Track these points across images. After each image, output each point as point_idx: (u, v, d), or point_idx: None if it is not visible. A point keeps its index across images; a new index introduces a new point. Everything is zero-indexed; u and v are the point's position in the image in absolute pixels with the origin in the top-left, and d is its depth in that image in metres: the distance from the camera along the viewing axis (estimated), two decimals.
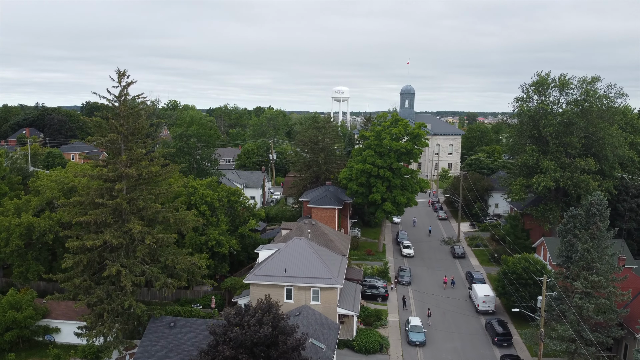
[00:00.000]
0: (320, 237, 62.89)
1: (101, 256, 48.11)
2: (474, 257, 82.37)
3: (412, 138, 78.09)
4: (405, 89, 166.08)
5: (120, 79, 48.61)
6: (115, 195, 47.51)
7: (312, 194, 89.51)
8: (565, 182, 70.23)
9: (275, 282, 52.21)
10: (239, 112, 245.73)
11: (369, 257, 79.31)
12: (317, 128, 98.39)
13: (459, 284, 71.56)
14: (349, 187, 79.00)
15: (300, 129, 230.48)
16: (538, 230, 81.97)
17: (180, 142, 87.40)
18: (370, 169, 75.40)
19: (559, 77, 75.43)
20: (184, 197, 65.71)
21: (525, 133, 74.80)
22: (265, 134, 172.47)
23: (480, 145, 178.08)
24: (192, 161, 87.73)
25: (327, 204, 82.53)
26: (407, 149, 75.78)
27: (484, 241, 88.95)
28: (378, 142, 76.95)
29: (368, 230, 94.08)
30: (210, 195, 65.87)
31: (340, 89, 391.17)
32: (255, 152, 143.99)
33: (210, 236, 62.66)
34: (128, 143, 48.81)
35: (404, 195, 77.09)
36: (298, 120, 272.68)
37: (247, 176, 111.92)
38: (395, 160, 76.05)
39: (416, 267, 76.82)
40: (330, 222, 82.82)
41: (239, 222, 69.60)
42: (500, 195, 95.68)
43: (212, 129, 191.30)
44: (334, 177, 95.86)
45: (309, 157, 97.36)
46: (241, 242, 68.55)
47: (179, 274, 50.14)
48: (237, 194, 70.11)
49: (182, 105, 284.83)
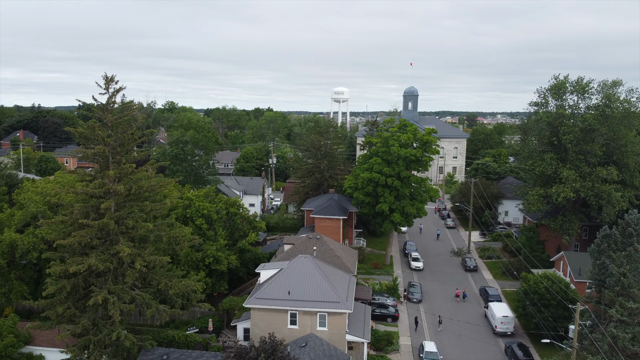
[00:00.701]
0: (326, 254, 58.48)
1: (87, 281, 43.69)
2: (487, 271, 78.02)
3: (421, 145, 73.70)
4: (408, 91, 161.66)
5: (107, 84, 44.18)
6: (102, 214, 43.07)
7: (315, 203, 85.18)
8: (586, 193, 65.93)
9: (278, 306, 47.79)
10: (238, 113, 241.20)
11: (376, 271, 74.91)
12: (319, 132, 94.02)
13: (472, 299, 67.31)
14: (355, 197, 74.61)
15: (300, 130, 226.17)
16: (553, 242, 77.70)
17: (176, 149, 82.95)
18: (377, 177, 71.02)
19: (577, 80, 71.20)
20: (179, 210, 61.28)
21: (544, 140, 70.42)
22: (265, 136, 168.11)
23: (484, 148, 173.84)
24: (189, 169, 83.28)
25: (331, 213, 78.20)
26: (416, 156, 71.40)
27: (497, 252, 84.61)
28: (386, 149, 72.55)
29: (374, 240, 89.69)
30: (208, 208, 61.46)
31: (340, 89, 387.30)
32: (254, 156, 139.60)
33: (207, 252, 58.26)
34: (117, 156, 44.36)
35: (413, 206, 72.71)
36: (298, 121, 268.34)
37: (246, 182, 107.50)
38: (404, 169, 71.67)
39: (426, 282, 72.45)
40: (334, 233, 78.52)
41: (238, 236, 65.18)
42: (515, 206, 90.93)
43: (209, 132, 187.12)
44: (337, 184, 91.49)
45: (311, 163, 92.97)
46: (240, 257, 64.13)
47: (173, 298, 45.75)
48: (237, 205, 65.69)
49: (179, 106, 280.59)
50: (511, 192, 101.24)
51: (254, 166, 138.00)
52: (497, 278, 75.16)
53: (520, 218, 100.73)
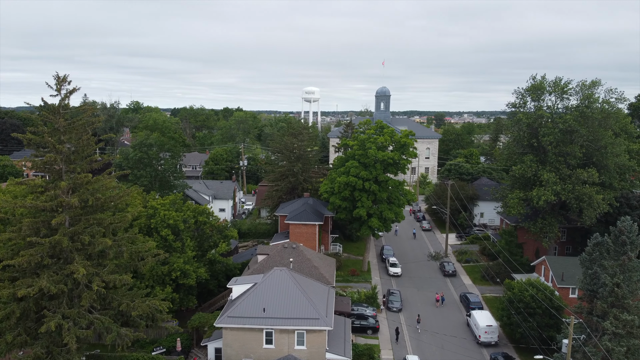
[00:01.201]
0: (303, 265, 55.15)
1: (38, 305, 39.19)
2: (466, 275, 76.15)
3: (398, 147, 71.14)
4: (380, 91, 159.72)
5: (59, 85, 39.69)
6: (55, 229, 38.64)
7: (289, 208, 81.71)
8: (566, 196, 64.58)
9: (252, 324, 44.25)
10: (206, 113, 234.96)
11: (353, 279, 72.02)
12: (292, 134, 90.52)
13: (452, 305, 65.27)
14: (331, 202, 71.52)
15: (272, 131, 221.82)
16: (532, 245, 76.44)
17: (140, 153, 78.08)
18: (354, 181, 68.10)
19: (555, 80, 69.93)
20: (142, 220, 56.86)
21: (523, 142, 68.82)
22: (235, 137, 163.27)
23: (456, 149, 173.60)
24: (154, 174, 78.53)
25: (307, 219, 74.91)
26: (394, 159, 68.78)
27: (474, 256, 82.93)
28: (363, 152, 69.71)
29: (350, 245, 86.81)
30: (174, 217, 57.23)
31: (311, 89, 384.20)
32: (224, 158, 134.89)
33: (174, 266, 54.08)
34: (70, 164, 39.93)
35: (391, 210, 70.10)
36: (268, 121, 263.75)
37: (216, 186, 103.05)
38: (381, 172, 68.97)
39: (405, 289, 69.94)
40: (310, 239, 75.29)
41: (207, 246, 61.19)
42: (494, 208, 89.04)
43: (176, 133, 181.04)
44: (311, 187, 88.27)
45: (284, 166, 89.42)
46: (211, 268, 60.17)
47: (137, 320, 41.65)
48: (206, 213, 61.63)
49: (145, 106, 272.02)
50: (487, 193, 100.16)
51: (223, 169, 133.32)
52: (476, 283, 73.32)
53: (496, 219, 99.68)
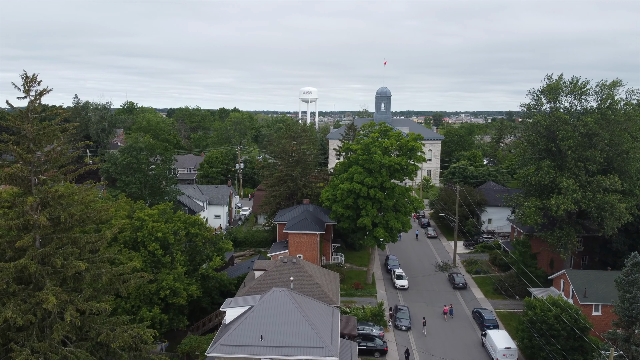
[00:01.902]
0: (304, 282, 50.34)
1: (5, 337, 34.29)
2: (477, 288, 71.48)
3: (405, 152, 66.44)
4: (381, 91, 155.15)
5: (28, 86, 34.72)
6: (23, 250, 33.76)
7: (288, 215, 77.00)
8: (587, 204, 60.00)
9: (248, 354, 39.49)
10: (202, 113, 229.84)
11: (357, 292, 67.31)
12: (291, 137, 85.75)
13: (463, 320, 60.73)
14: (334, 210, 66.78)
15: (269, 132, 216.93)
16: (545, 255, 71.93)
17: (129, 157, 73.13)
18: (358, 188, 63.38)
19: (572, 80, 65.43)
20: (128, 233, 51.96)
21: (539, 146, 64.18)
22: (231, 139, 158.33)
23: (458, 150, 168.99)
24: (144, 180, 73.61)
25: (307, 228, 70.20)
26: (401, 165, 64.11)
27: (485, 266, 78.29)
28: (367, 156, 65.01)
29: (353, 255, 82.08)
30: (163, 230, 52.36)
31: (308, 89, 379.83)
32: (219, 161, 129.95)
33: (162, 283, 49.23)
34: (40, 176, 35.03)
35: (398, 219, 65.41)
36: (265, 122, 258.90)
37: (211, 191, 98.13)
38: (387, 179, 64.30)
39: (413, 304, 65.22)
40: (310, 249, 70.62)
41: (200, 260, 56.38)
42: (508, 217, 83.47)
43: (170, 134, 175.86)
44: (311, 192, 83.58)
45: (282, 171, 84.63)
46: (203, 284, 55.33)
47: (118, 353, 36.78)
48: (198, 224, 56.76)
49: (139, 106, 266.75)
50: (495, 198, 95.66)
51: (219, 172, 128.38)
52: (489, 296, 68.65)
53: (505, 226, 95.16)
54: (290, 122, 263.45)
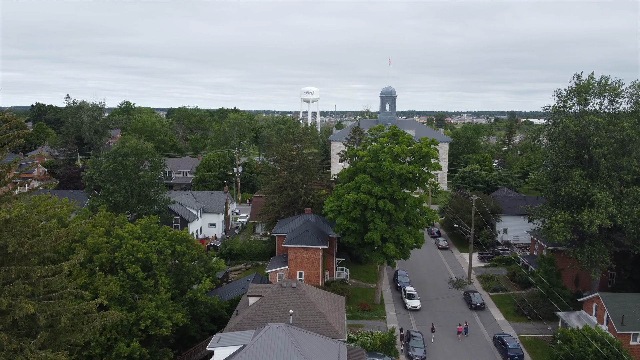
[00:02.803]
0: (306, 311, 43.85)
1: None
2: (496, 308, 64.91)
3: (418, 158, 59.95)
4: (385, 91, 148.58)
5: None
6: None
7: (289, 227, 70.57)
8: (623, 219, 53.43)
9: None
10: (200, 114, 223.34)
11: (365, 315, 60.81)
12: (292, 140, 79.27)
13: (481, 343, 54.32)
14: (338, 223, 60.30)
15: (269, 133, 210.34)
16: (570, 272, 65.53)
17: (114, 164, 66.69)
18: (366, 199, 56.89)
19: (601, 81, 58.90)
20: (104, 254, 45.52)
21: (568, 153, 57.57)
22: (229, 141, 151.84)
23: (466, 153, 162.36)
24: (130, 188, 67.16)
25: (309, 242, 63.76)
26: (413, 173, 57.58)
27: (503, 283, 71.69)
28: (375, 164, 58.53)
29: (358, 269, 75.55)
30: (144, 249, 45.96)
31: (310, 89, 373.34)
32: (217, 164, 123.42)
33: (143, 312, 42.86)
34: None
35: (410, 234, 58.94)
36: (266, 122, 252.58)
37: (206, 198, 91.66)
38: (398, 189, 57.78)
39: (428, 327, 58.65)
40: (312, 265, 64.18)
41: (187, 282, 49.93)
42: (530, 230, 75.92)
43: (167, 135, 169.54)
44: (312, 200, 77.15)
45: (282, 177, 78.16)
46: (191, 310, 48.87)
47: None
48: (186, 242, 50.30)
49: (137, 106, 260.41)
50: (510, 206, 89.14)
51: (216, 176, 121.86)
52: (510, 318, 62.10)
53: (521, 236, 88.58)
54: (290, 124, 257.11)
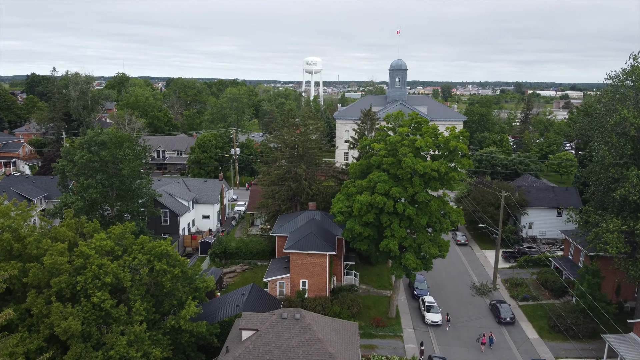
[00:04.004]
0: (312, 351, 35.43)
1: None
2: (527, 322, 56.66)
3: (445, 153, 50.67)
4: (395, 65, 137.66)
5: None
6: None
7: (290, 225, 62.02)
8: None
9: None
10: (198, 87, 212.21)
11: (378, 332, 52.67)
12: (294, 125, 69.80)
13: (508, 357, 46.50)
14: (348, 228, 51.47)
15: (270, 107, 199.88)
16: (610, 280, 57.19)
17: (89, 154, 57.53)
18: (382, 202, 47.92)
19: None
20: (64, 277, 36.96)
21: (625, 150, 48.10)
22: (227, 118, 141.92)
23: (480, 131, 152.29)
24: (108, 182, 58.18)
25: (314, 247, 55.27)
26: (439, 172, 48.37)
27: (533, 290, 63.34)
28: (394, 160, 49.34)
29: (368, 272, 67.21)
30: (114, 270, 37.36)
31: (312, 59, 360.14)
32: (213, 145, 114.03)
33: (111, 352, 34.58)
34: None
35: (433, 242, 50.22)
36: (266, 96, 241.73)
37: (199, 187, 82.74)
38: (420, 189, 48.71)
39: (452, 349, 50.59)
40: (318, 273, 55.83)
41: (169, 306, 41.48)
42: (564, 232, 65.33)
43: (161, 111, 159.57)
44: (316, 190, 68.37)
45: (283, 167, 69.07)
46: (174, 339, 40.56)
47: None
48: (166, 258, 41.58)
49: (134, 77, 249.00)
50: (536, 197, 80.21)
51: (212, 157, 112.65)
52: (544, 336, 53.88)
53: (548, 231, 79.94)
54: (292, 98, 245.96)
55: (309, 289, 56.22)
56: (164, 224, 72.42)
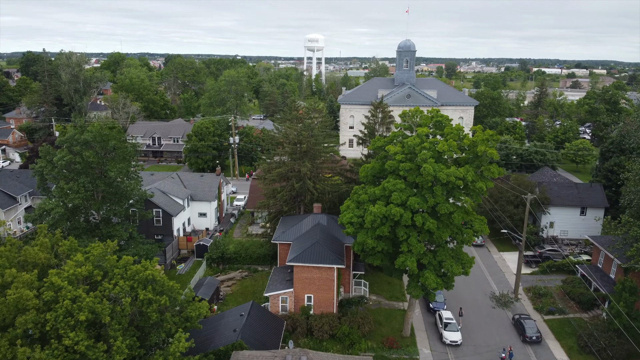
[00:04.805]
0: None
1: None
2: (555, 341, 51.49)
3: (472, 158, 44.69)
4: (404, 46, 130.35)
5: None
6: None
7: (293, 232, 56.61)
8: None
9: None
10: (196, 67, 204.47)
11: (392, 355, 47.57)
12: (299, 119, 63.66)
13: None
14: (359, 242, 45.84)
15: (270, 89, 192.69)
16: None
17: (69, 155, 51.61)
18: (398, 214, 42.21)
19: None
20: (31, 315, 31.59)
21: None
22: (225, 102, 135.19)
23: (491, 116, 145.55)
24: (92, 186, 52.40)
25: (320, 259, 49.86)
26: (465, 180, 42.49)
27: (557, 301, 58.09)
28: (412, 165, 43.46)
29: (378, 279, 61.95)
30: (89, 305, 31.95)
31: (314, 37, 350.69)
32: (210, 132, 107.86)
33: None
34: None
35: (457, 259, 44.73)
36: (267, 76, 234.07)
37: (195, 183, 76.96)
38: (442, 199, 42.94)
39: None
40: (324, 288, 50.64)
41: (156, 340, 36.18)
42: (592, 237, 58.22)
43: (157, 94, 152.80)
44: (321, 188, 62.77)
45: (285, 165, 63.17)
46: None
47: None
48: (152, 284, 36.11)
49: (130, 55, 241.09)
50: (560, 196, 74.56)
51: (210, 146, 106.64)
52: (574, 357, 48.69)
53: (570, 231, 74.48)
54: (294, 78, 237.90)
55: (314, 305, 51.00)
56: (156, 225, 66.97)
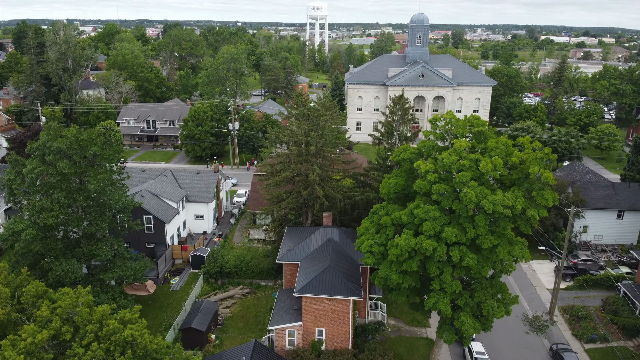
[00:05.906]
0: None
1: None
2: None
3: (520, 179, 37.14)
4: (416, 19, 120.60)
5: None
6: None
7: (301, 249, 49.75)
8: None
9: None
10: (194, 39, 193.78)
11: None
12: (306, 117, 55.69)
13: None
14: (381, 276, 38.76)
15: (272, 63, 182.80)
16: None
17: (41, 167, 44.01)
18: (430, 247, 35.01)
19: None
20: None
21: None
22: (224, 81, 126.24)
23: (508, 96, 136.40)
24: (69, 202, 45.01)
25: (333, 289, 43.19)
26: (514, 209, 35.04)
27: (597, 325, 51.53)
28: (448, 187, 36.02)
29: None
30: None
31: (317, 4, 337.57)
32: (208, 117, 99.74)
33: None
34: None
35: (499, 300, 37.82)
36: (268, 49, 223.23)
37: (191, 182, 69.49)
38: (485, 231, 35.59)
39: None
40: (338, 321, 44.29)
41: None
42: (636, 253, 51.65)
43: (152, 71, 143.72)
44: (331, 194, 55.50)
45: (291, 171, 55.57)
46: None
47: None
48: (134, 346, 29.27)
49: (124, 29, 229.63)
50: (595, 197, 67.27)
51: (208, 132, 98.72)
52: None
53: (605, 236, 67.53)
54: (295, 49, 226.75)
55: (326, 340, 44.45)
56: (147, 233, 60.04)
